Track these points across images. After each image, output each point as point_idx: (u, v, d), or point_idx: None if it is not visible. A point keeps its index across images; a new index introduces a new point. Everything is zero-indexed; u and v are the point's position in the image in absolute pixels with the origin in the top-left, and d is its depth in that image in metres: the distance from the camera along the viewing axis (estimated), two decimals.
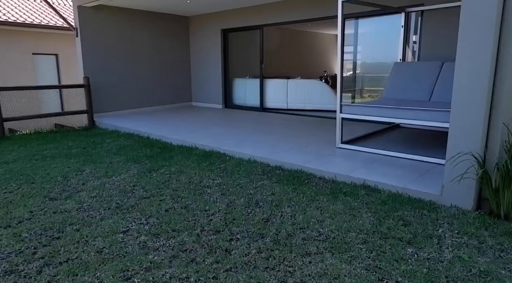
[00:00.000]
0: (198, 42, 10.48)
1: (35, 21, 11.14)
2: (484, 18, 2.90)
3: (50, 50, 11.96)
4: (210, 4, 8.78)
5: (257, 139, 5.91)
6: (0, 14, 10.67)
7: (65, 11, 12.84)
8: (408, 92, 5.50)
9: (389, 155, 4.70)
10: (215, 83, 10.25)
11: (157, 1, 8.22)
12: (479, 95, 3.01)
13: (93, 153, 5.54)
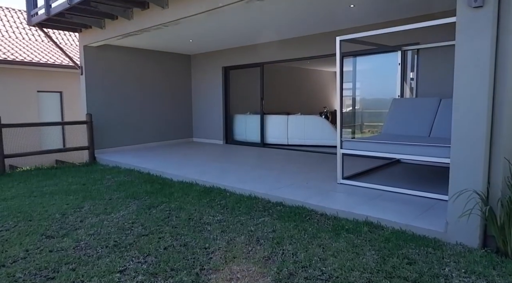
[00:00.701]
0: (200, 79, 10.72)
1: (42, 60, 11.45)
2: (478, 57, 2.97)
3: (55, 87, 12.20)
4: (212, 43, 9.06)
5: (258, 174, 5.89)
6: (8, 54, 10.99)
7: (71, 51, 13.23)
8: (407, 127, 5.53)
9: (391, 190, 4.65)
10: (216, 119, 10.36)
11: (161, 41, 8.49)
12: (478, 132, 3.03)
13: (93, 190, 5.49)
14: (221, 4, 5.16)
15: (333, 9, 5.93)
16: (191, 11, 5.65)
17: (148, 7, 6.46)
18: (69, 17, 7.17)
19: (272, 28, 7.33)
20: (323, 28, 7.39)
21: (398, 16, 6.32)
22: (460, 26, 3.06)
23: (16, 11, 14.44)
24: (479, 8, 2.91)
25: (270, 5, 5.47)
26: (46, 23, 7.70)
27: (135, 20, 6.83)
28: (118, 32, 7.32)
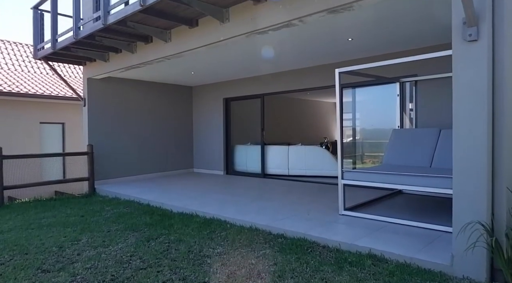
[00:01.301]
0: (201, 110, 10.83)
1: (45, 92, 11.63)
2: (475, 89, 3.02)
3: (57, 118, 12.32)
4: (213, 75, 9.24)
5: (259, 206, 5.82)
6: (13, 86, 11.18)
7: (75, 83, 13.47)
8: (408, 158, 5.53)
9: (394, 222, 4.58)
10: (217, 149, 10.38)
11: (163, 73, 8.66)
12: (479, 162, 3.02)
13: (91, 222, 5.42)
14: (222, 38, 5.31)
15: (332, 43, 6.08)
16: (193, 45, 5.80)
17: (152, 41, 6.64)
18: (74, 51, 7.36)
19: (273, 60, 7.50)
20: (323, 60, 7.56)
21: (396, 48, 6.47)
22: (456, 59, 3.12)
23: (23, 45, 14.83)
24: (474, 42, 2.98)
25: (270, 38, 5.62)
26: (52, 56, 7.89)
27: (139, 53, 7.00)
28: (122, 65, 7.48)
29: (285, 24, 4.59)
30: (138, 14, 5.33)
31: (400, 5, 4.31)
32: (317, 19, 4.44)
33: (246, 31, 4.97)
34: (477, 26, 2.94)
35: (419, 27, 5.20)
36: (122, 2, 5.52)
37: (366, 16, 4.68)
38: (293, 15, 4.39)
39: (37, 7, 7.41)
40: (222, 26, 5.28)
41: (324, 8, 4.08)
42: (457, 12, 3.07)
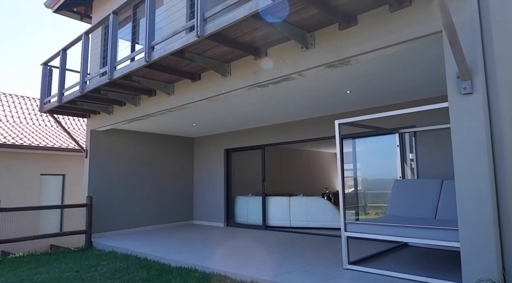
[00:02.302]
0: (202, 161, 10.86)
1: (48, 144, 11.75)
2: (474, 140, 3.05)
3: (58, 170, 12.32)
4: (215, 126, 9.38)
5: (260, 260, 5.62)
6: (17, 138, 11.32)
7: (78, 134, 13.65)
8: (412, 209, 5.44)
9: (402, 277, 4.39)
10: (217, 201, 10.25)
11: (165, 124, 8.80)
12: (484, 214, 2.96)
13: (86, 278, 5.21)
14: (224, 91, 5.46)
15: (330, 95, 6.24)
16: (195, 98, 5.95)
17: (155, 94, 6.83)
18: (79, 104, 7.55)
19: (273, 112, 7.65)
20: (322, 111, 7.71)
21: (394, 100, 6.63)
22: (453, 112, 3.19)
23: (30, 98, 15.24)
24: (469, 95, 3.06)
25: (271, 91, 5.78)
26: (57, 109, 8.08)
27: (142, 106, 7.17)
28: (125, 117, 7.63)
29: (284, 78, 4.75)
30: (143, 69, 5.54)
31: (396, 60, 4.48)
32: (316, 73, 4.60)
33: (247, 85, 5.13)
34: (471, 79, 3.04)
35: (415, 80, 5.36)
36: (128, 58, 5.76)
37: (363, 70, 4.85)
38: (293, 69, 4.55)
39: (46, 63, 7.72)
40: (224, 80, 5.46)
41: (322, 62, 4.24)
42: (451, 67, 3.19)
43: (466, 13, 3.18)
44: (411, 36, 3.51)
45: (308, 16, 3.98)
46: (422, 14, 3.45)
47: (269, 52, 4.86)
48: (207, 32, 4.22)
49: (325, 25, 4.20)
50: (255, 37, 4.54)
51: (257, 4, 3.69)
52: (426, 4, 3.42)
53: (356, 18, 3.96)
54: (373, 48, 3.80)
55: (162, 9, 7.16)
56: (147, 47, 5.07)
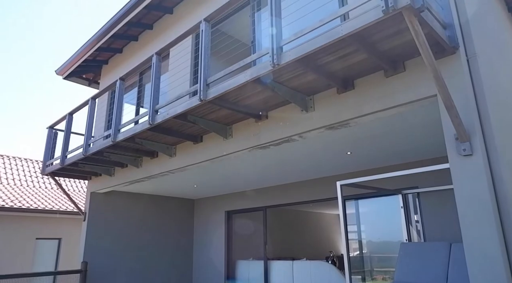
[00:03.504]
0: (202, 223, 10.62)
1: (47, 206, 11.60)
2: (480, 204, 2.99)
3: (55, 234, 12.01)
4: (216, 188, 9.31)
5: None
6: (16, 201, 11.21)
7: (77, 197, 13.52)
8: (421, 275, 5.19)
9: None
10: (218, 265, 9.83)
11: (165, 186, 8.75)
12: (499, 278, 2.82)
13: None
14: (225, 153, 5.51)
15: (331, 156, 6.28)
16: (196, 159, 5.99)
17: (157, 156, 6.89)
18: (81, 166, 7.58)
19: (275, 173, 7.64)
20: (324, 173, 7.70)
21: (395, 161, 6.65)
22: (455, 173, 3.18)
23: (33, 161, 15.36)
24: (469, 156, 3.08)
25: (272, 153, 5.83)
26: (59, 172, 8.10)
27: (144, 167, 7.19)
28: (126, 179, 7.61)
29: (285, 140, 4.82)
30: (146, 132, 5.64)
31: (394, 122, 4.57)
32: (316, 135, 4.67)
33: (248, 147, 5.19)
34: (469, 141, 3.08)
35: (415, 141, 5.43)
36: (132, 122, 5.90)
37: (363, 132, 4.93)
38: (293, 131, 4.64)
39: (52, 126, 7.90)
40: (225, 142, 5.53)
41: (322, 125, 4.33)
42: (448, 129, 3.25)
43: (459, 78, 3.32)
44: (407, 100, 3.62)
45: (306, 81, 4.15)
46: (416, 79, 3.59)
47: (270, 115, 4.99)
48: (210, 96, 4.37)
49: (324, 89, 4.36)
50: (256, 101, 4.69)
51: (257, 70, 3.87)
52: (420, 69, 3.58)
53: (353, 83, 4.12)
54: (371, 111, 3.90)
55: (167, 75, 7.50)
56: (151, 110, 5.22)
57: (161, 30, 8.39)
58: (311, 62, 3.68)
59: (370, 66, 3.83)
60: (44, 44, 42.25)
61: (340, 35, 3.12)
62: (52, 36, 42.46)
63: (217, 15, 4.66)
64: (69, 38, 44.51)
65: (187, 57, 7.17)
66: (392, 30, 3.17)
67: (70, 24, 43.07)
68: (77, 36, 44.55)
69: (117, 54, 9.79)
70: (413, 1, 2.63)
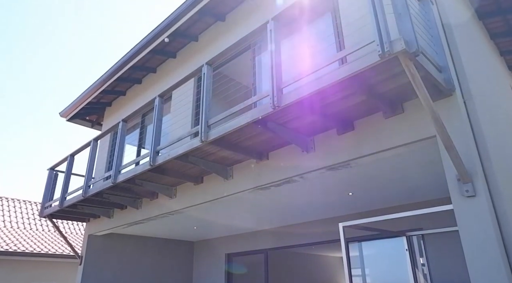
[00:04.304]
0: (202, 266, 10.29)
1: (43, 250, 11.33)
2: (486, 246, 2.92)
3: (50, 278, 11.62)
4: (216, 229, 9.13)
5: None
6: (12, 245, 10.97)
7: (75, 240, 13.24)
8: None
9: None
10: None
11: (165, 228, 8.58)
12: None
13: None
14: (226, 194, 5.46)
15: (333, 197, 6.21)
16: (197, 201, 5.93)
17: (157, 197, 6.82)
18: (80, 208, 7.48)
19: (276, 214, 7.53)
20: (326, 214, 7.58)
21: (398, 202, 6.56)
22: (459, 214, 3.13)
23: (32, 202, 15.20)
24: (472, 197, 3.05)
25: (273, 194, 5.78)
26: (57, 214, 7.99)
27: (143, 209, 7.10)
28: (126, 221, 7.49)
29: (286, 180, 4.80)
30: (147, 173, 5.63)
31: (395, 163, 4.57)
32: (317, 175, 4.65)
33: (249, 187, 5.15)
34: (471, 182, 3.06)
35: (417, 181, 5.39)
36: (133, 163, 5.91)
37: (364, 172, 4.91)
38: (294, 172, 4.63)
39: (53, 168, 7.90)
40: (226, 183, 5.50)
41: (323, 165, 4.33)
42: (450, 169, 3.24)
43: (457, 120, 3.36)
44: (406, 141, 3.64)
45: (306, 122, 4.20)
46: (415, 120, 3.64)
47: (270, 156, 5.00)
48: (211, 137, 4.41)
49: (324, 130, 4.40)
50: (256, 142, 4.72)
51: (258, 111, 3.93)
52: (418, 110, 3.63)
53: (352, 124, 4.17)
54: (371, 152, 3.92)
55: (169, 117, 7.61)
56: (152, 151, 5.24)
57: (164, 73, 8.62)
58: (310, 104, 3.75)
59: (369, 107, 3.89)
60: (44, 84, 43.28)
61: (339, 78, 3.21)
62: (53, 75, 43.61)
63: (218, 59, 4.82)
64: (70, 78, 45.68)
65: (189, 99, 7.31)
66: (389, 73, 3.26)
67: (71, 64, 44.40)
68: (78, 76, 45.75)
69: (121, 96, 10.00)
70: (408, 45, 2.73)
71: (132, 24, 48.74)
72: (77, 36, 39.76)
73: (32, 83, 41.15)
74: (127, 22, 46.94)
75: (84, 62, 45.99)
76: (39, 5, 34.48)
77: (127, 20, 45.96)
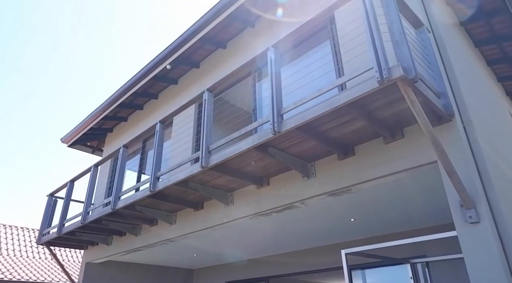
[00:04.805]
0: None
1: (38, 279, 11.08)
2: (492, 274, 2.86)
3: None
4: (216, 256, 8.95)
5: None
6: (7, 273, 10.75)
7: (72, 268, 12.98)
8: None
9: None
10: None
11: (164, 255, 8.42)
12: None
13: None
14: (226, 220, 5.40)
15: (335, 223, 6.13)
16: (197, 227, 5.85)
17: (157, 224, 6.73)
18: (78, 235, 7.37)
19: (277, 240, 7.40)
20: (328, 240, 7.45)
21: (401, 228, 6.46)
22: (463, 241, 3.08)
23: (29, 229, 15.01)
24: (476, 224, 3.00)
25: (274, 220, 5.70)
26: (55, 241, 7.86)
27: (143, 236, 6.99)
28: (124, 248, 7.36)
29: (287, 206, 4.75)
30: (147, 199, 5.58)
31: (397, 188, 4.54)
32: (318, 201, 4.61)
33: (250, 213, 5.09)
34: (474, 208, 3.02)
35: (420, 207, 5.33)
36: (133, 189, 5.87)
37: (365, 198, 4.87)
38: (295, 198, 4.59)
39: (52, 194, 7.84)
40: (226, 209, 5.45)
41: (324, 191, 4.30)
42: (452, 195, 3.21)
43: (458, 145, 3.36)
44: (407, 166, 3.63)
45: (307, 148, 4.20)
46: (415, 146, 3.64)
47: (271, 181, 4.97)
48: (212, 163, 4.40)
49: (325, 156, 4.40)
50: (257, 167, 4.71)
51: (259, 137, 3.94)
52: (419, 136, 3.64)
53: (353, 149, 4.17)
54: (372, 177, 3.90)
55: (169, 142, 7.62)
56: (152, 177, 5.21)
57: (166, 99, 8.71)
58: (311, 129, 3.76)
59: (369, 133, 3.90)
60: (43, 110, 43.62)
61: (338, 103, 3.24)
62: (52, 102, 43.99)
63: (219, 85, 4.88)
64: (70, 103, 46.07)
65: (189, 124, 7.35)
66: (388, 98, 3.29)
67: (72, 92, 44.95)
68: (78, 102, 46.15)
69: (122, 122, 10.06)
70: (407, 72, 2.77)
71: (134, 53, 49.76)
72: (76, 64, 40.50)
73: (32, 109, 41.53)
74: (128, 50, 47.92)
75: (82, 90, 46.56)
76: (42, 34, 35.34)
77: (128, 48, 46.94)
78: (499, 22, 6.10)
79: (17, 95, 38.44)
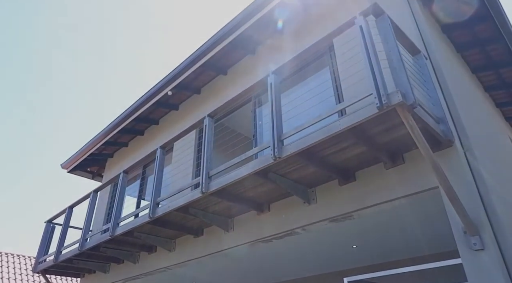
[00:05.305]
0: None
1: None
2: None
3: None
4: None
5: None
6: None
7: None
8: None
9: None
10: None
11: None
12: None
13: None
14: (226, 247, 5.31)
15: (336, 250, 6.01)
16: (197, 254, 5.74)
17: (156, 251, 6.61)
18: (75, 263, 7.22)
19: (277, 267, 7.24)
20: (330, 268, 7.28)
21: (405, 255, 6.31)
22: (468, 269, 3.02)
23: (26, 257, 14.74)
24: (481, 251, 2.95)
25: (274, 247, 5.60)
26: (51, 269, 7.69)
27: (141, 263, 6.85)
28: (121, 276, 7.20)
29: (288, 233, 4.68)
30: (146, 225, 5.51)
31: (399, 214, 4.47)
32: (320, 227, 4.54)
33: (250, 240, 5.02)
34: (479, 235, 2.98)
35: (423, 233, 5.23)
36: (132, 215, 5.81)
37: (367, 224, 4.79)
38: (296, 224, 4.53)
39: (51, 220, 7.74)
40: (226, 235, 5.37)
41: (325, 217, 4.25)
42: (455, 222, 3.17)
43: (459, 171, 3.35)
44: (408, 192, 3.61)
45: (308, 173, 4.19)
46: (416, 171, 3.62)
47: (272, 207, 4.92)
48: (212, 189, 4.37)
49: (325, 181, 4.37)
50: (258, 193, 4.67)
51: (259, 163, 3.93)
52: (420, 161, 3.63)
53: (354, 175, 4.15)
54: (373, 203, 3.86)
55: (170, 168, 7.60)
56: (152, 203, 5.16)
57: (167, 124, 8.76)
58: (311, 155, 3.76)
59: (370, 158, 3.90)
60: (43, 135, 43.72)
61: (339, 129, 3.25)
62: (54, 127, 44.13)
63: (220, 111, 4.92)
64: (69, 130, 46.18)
65: (190, 150, 7.35)
66: (388, 124, 3.31)
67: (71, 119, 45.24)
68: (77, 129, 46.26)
69: (123, 147, 10.08)
70: (405, 98, 2.80)
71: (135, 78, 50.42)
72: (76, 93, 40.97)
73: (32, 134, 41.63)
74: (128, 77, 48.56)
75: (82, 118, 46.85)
76: (41, 60, 35.95)
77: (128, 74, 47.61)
78: (493, 49, 6.21)
79: (18, 123, 38.64)
